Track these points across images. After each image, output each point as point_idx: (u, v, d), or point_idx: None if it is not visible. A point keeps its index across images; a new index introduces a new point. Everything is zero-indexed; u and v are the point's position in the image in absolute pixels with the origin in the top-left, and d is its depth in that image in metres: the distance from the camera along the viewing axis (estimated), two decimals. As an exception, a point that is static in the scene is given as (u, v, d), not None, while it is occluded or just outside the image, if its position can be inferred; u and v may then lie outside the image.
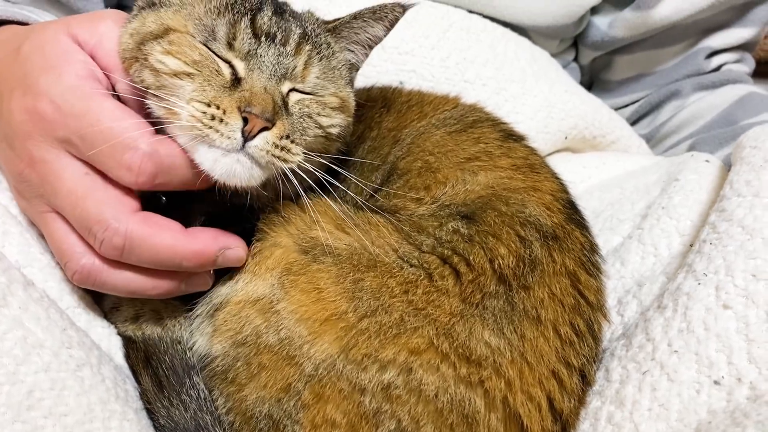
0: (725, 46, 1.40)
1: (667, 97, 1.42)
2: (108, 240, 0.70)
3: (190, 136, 0.71)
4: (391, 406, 0.67)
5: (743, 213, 0.75)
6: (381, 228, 0.76)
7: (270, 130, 0.72)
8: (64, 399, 0.66)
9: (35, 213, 0.77)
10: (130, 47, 0.75)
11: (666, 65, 1.43)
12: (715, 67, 1.41)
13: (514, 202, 0.77)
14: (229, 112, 0.70)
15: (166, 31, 0.74)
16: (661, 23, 1.31)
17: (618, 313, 0.85)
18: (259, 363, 0.71)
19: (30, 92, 0.73)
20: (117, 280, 0.74)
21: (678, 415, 0.67)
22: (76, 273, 0.73)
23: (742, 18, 1.39)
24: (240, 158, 0.71)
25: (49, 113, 0.72)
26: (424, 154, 0.84)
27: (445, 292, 0.71)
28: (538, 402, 0.69)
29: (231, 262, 0.76)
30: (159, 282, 0.75)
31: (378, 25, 0.84)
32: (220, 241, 0.75)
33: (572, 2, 1.25)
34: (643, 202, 0.98)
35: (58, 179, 0.72)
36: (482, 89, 1.12)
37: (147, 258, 0.72)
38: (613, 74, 1.47)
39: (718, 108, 1.33)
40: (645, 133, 1.43)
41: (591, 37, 1.39)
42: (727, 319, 0.68)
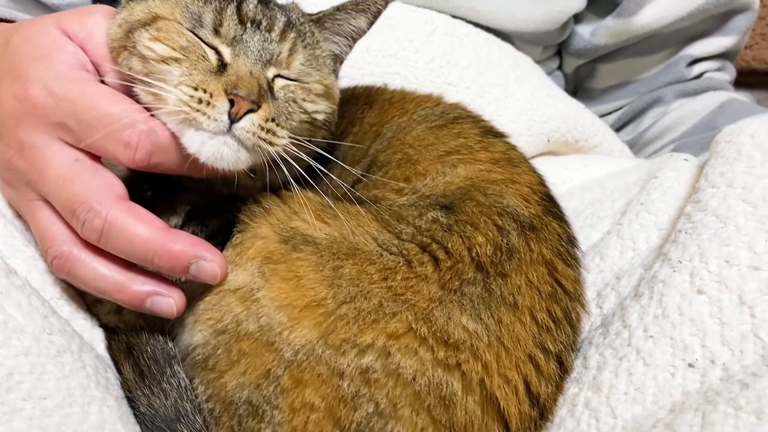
0: (706, 54, 1.43)
1: (650, 104, 1.44)
2: (89, 221, 0.71)
3: (178, 119, 0.73)
4: (369, 389, 0.68)
5: (717, 203, 0.76)
6: (361, 217, 0.77)
7: (256, 113, 0.73)
8: (44, 383, 0.66)
9: (22, 201, 0.78)
10: (119, 36, 0.77)
11: (648, 73, 1.45)
12: (697, 75, 1.44)
13: (492, 193, 0.79)
14: (216, 95, 0.72)
15: (154, 18, 0.76)
16: (643, 30, 1.33)
17: (597, 306, 0.86)
18: (239, 350, 0.71)
19: (20, 80, 0.74)
20: (89, 274, 0.74)
21: (653, 397, 0.67)
22: (56, 259, 0.74)
23: (722, 27, 1.41)
24: (227, 140, 0.73)
25: (42, 99, 0.73)
26: (404, 147, 0.85)
27: (424, 278, 0.72)
28: (514, 385, 0.70)
29: (204, 276, 0.74)
30: (127, 288, 0.74)
31: (361, 17, 0.86)
32: (197, 249, 0.74)
33: (554, 9, 1.27)
34: (623, 200, 0.99)
35: (47, 165, 0.74)
36: (465, 92, 1.14)
37: (122, 246, 0.72)
38: (596, 82, 1.49)
39: (700, 114, 1.35)
40: (628, 139, 1.45)
41: (574, 45, 1.42)
42: (701, 304, 0.69)
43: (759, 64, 1.72)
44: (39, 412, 0.64)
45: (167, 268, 0.74)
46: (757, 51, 1.72)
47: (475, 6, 1.22)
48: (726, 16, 1.40)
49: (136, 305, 0.75)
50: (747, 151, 0.78)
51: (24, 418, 0.63)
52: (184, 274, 0.74)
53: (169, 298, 0.75)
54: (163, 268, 0.74)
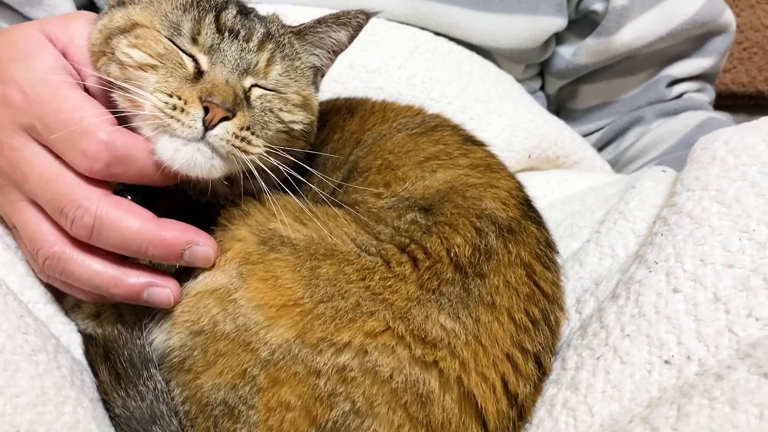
0: (685, 75, 1.45)
1: (631, 123, 1.46)
2: (79, 219, 0.72)
3: (153, 125, 0.73)
4: (345, 387, 0.67)
5: (692, 205, 0.77)
6: (339, 219, 0.77)
7: (230, 120, 0.74)
8: (17, 380, 0.66)
9: (7, 203, 0.78)
10: (99, 42, 0.78)
11: (629, 94, 1.48)
12: (677, 95, 1.46)
13: (470, 196, 0.79)
14: (191, 102, 0.72)
15: (133, 26, 0.77)
16: (623, 49, 1.36)
17: (576, 311, 0.86)
18: (215, 351, 0.71)
19: (0, 81, 0.75)
20: (84, 272, 0.75)
21: (630, 395, 0.67)
22: (48, 259, 0.74)
23: (701, 48, 1.44)
24: (200, 147, 0.73)
25: (18, 100, 0.74)
26: (385, 153, 0.86)
27: (402, 278, 0.72)
28: (492, 383, 0.69)
29: (198, 260, 0.75)
30: (122, 281, 0.75)
31: (341, 31, 0.87)
32: (189, 234, 0.75)
33: (535, 27, 1.29)
34: (601, 211, 1.00)
35: (28, 164, 0.74)
36: (448, 107, 1.15)
37: (114, 240, 0.73)
38: (578, 103, 1.51)
39: (680, 133, 1.38)
40: (610, 158, 1.47)
41: (556, 66, 1.44)
42: (676, 302, 0.70)
43: (738, 87, 1.75)
44: (11, 410, 0.64)
45: (161, 257, 0.74)
46: (736, 74, 1.75)
47: (457, 23, 1.24)
48: (704, 38, 1.43)
49: (133, 298, 0.75)
50: (721, 156, 0.79)
51: (-5, 414, 0.62)
52: (178, 260, 0.74)
53: (166, 288, 0.75)
54: (157, 258, 0.74)
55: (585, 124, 1.51)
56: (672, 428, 0.58)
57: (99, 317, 0.82)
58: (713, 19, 1.39)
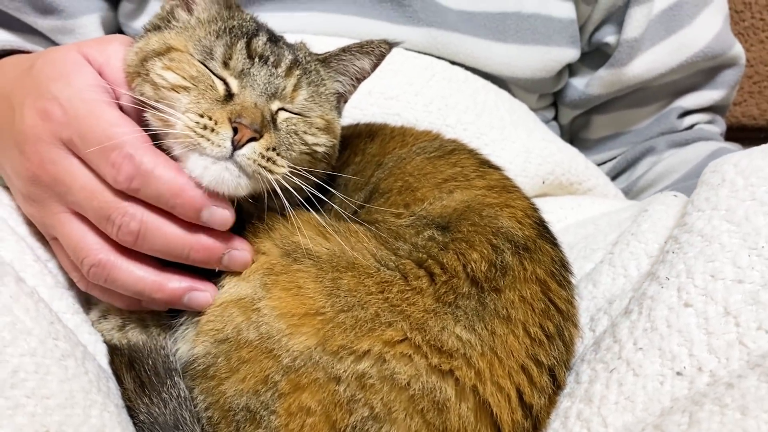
0: (696, 106, 1.48)
1: (643, 153, 1.48)
2: (125, 225, 0.75)
3: (183, 144, 0.77)
4: (364, 394, 0.69)
5: (702, 224, 0.79)
6: (360, 235, 0.80)
7: (258, 141, 0.77)
8: (47, 383, 0.68)
9: (48, 215, 0.81)
10: (134, 63, 0.82)
11: (641, 124, 1.50)
12: (688, 126, 1.49)
13: (487, 215, 0.82)
14: (221, 122, 0.76)
15: (168, 49, 0.81)
16: (635, 80, 1.39)
17: (590, 329, 0.88)
18: (239, 357, 0.73)
19: (41, 97, 0.79)
20: (128, 278, 0.78)
21: (643, 405, 0.69)
22: (93, 267, 0.78)
23: (711, 81, 1.47)
24: (228, 166, 0.76)
25: (58, 115, 0.77)
26: (404, 175, 0.89)
27: (420, 291, 0.74)
28: (507, 393, 0.71)
29: (236, 264, 0.79)
30: (165, 286, 0.79)
31: (365, 59, 0.91)
32: (229, 239, 0.79)
33: (548, 57, 1.33)
34: (614, 234, 1.02)
35: (71, 176, 0.78)
36: (463, 133, 1.18)
37: (159, 245, 0.77)
38: (591, 133, 1.54)
39: (691, 162, 1.40)
40: (622, 187, 1.49)
41: (569, 96, 1.47)
42: (688, 316, 0.72)
43: (748, 120, 1.78)
44: (41, 410, 0.66)
45: (202, 261, 0.78)
46: (746, 108, 1.78)
47: (472, 52, 1.27)
48: (714, 70, 1.46)
49: (174, 302, 0.79)
50: (730, 178, 0.81)
51: (26, 414, 0.64)
52: (218, 264, 0.78)
53: (206, 292, 0.79)
54: (198, 262, 0.78)
55: (598, 154, 1.54)
56: (684, 434, 0.60)
57: (124, 328, 0.85)
58: (723, 52, 1.42)
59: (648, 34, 1.37)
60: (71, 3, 1.24)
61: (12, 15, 1.23)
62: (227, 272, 0.80)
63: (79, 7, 1.25)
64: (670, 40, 1.39)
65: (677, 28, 1.39)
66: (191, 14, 0.86)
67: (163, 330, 0.84)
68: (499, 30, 1.30)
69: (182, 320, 0.82)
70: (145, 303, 0.83)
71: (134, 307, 0.84)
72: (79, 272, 0.82)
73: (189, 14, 0.86)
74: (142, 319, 0.85)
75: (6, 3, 1.21)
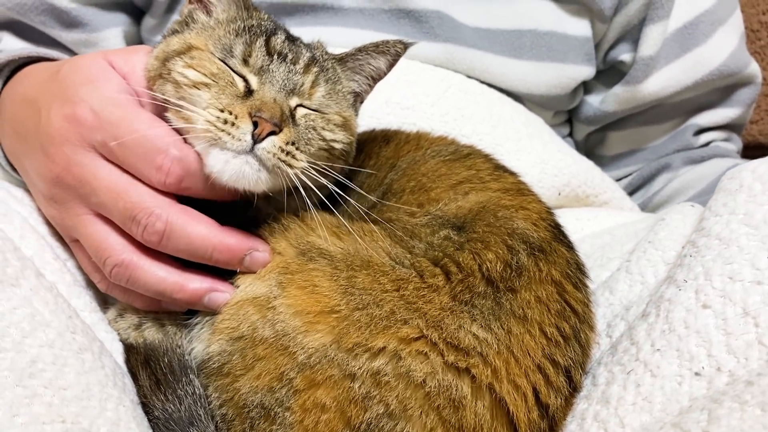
0: (713, 124, 1.48)
1: (659, 170, 1.48)
2: (151, 225, 0.76)
3: (205, 139, 0.77)
4: (379, 391, 0.69)
5: (720, 228, 0.79)
6: (375, 234, 0.80)
7: (277, 135, 0.78)
8: (65, 374, 0.68)
9: (71, 217, 0.82)
10: (155, 66, 0.83)
11: (656, 141, 1.50)
12: (704, 144, 1.48)
13: (502, 216, 0.82)
14: (241, 117, 0.77)
15: (189, 48, 0.82)
16: (650, 98, 1.39)
17: (607, 335, 0.87)
18: (254, 355, 0.73)
19: (69, 101, 0.81)
20: (150, 278, 0.79)
21: (661, 406, 0.68)
22: (116, 267, 0.79)
23: (727, 99, 1.47)
24: (249, 160, 0.77)
25: (89, 119, 0.79)
26: (418, 175, 0.89)
27: (436, 289, 0.74)
28: (524, 392, 0.70)
29: (256, 265, 0.80)
30: (186, 286, 0.79)
31: (381, 59, 0.92)
32: (250, 240, 0.80)
33: (563, 74, 1.34)
34: (631, 243, 1.01)
35: (96, 178, 0.79)
36: (479, 144, 1.18)
37: (183, 245, 0.78)
38: (606, 150, 1.54)
39: (708, 178, 1.39)
40: (638, 203, 1.49)
41: (584, 113, 1.48)
42: (706, 317, 0.71)
43: (765, 139, 1.77)
44: (58, 401, 0.66)
45: (224, 261, 0.79)
46: (763, 126, 1.77)
47: (488, 68, 1.28)
48: (730, 89, 1.46)
49: (194, 302, 0.80)
50: (748, 183, 0.81)
51: (43, 404, 0.65)
52: (239, 265, 0.79)
53: (225, 293, 0.80)
54: (220, 262, 0.79)
55: (613, 171, 1.53)
56: (703, 431, 0.59)
57: (141, 327, 0.85)
58: (738, 70, 1.42)
59: (663, 52, 1.38)
60: (95, 17, 1.27)
61: (37, 29, 1.26)
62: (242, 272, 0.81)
63: (103, 21, 1.28)
64: (686, 58, 1.39)
65: (693, 46, 1.39)
66: (210, 16, 0.88)
67: (180, 329, 0.84)
68: (514, 47, 1.31)
69: (198, 320, 0.82)
70: (165, 303, 0.83)
71: (154, 307, 0.84)
72: (100, 273, 0.83)
73: (208, 16, 0.88)
74: (159, 318, 0.85)
75: (32, 17, 1.24)
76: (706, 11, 1.38)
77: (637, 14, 1.36)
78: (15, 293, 0.70)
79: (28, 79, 0.95)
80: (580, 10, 1.33)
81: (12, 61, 1.00)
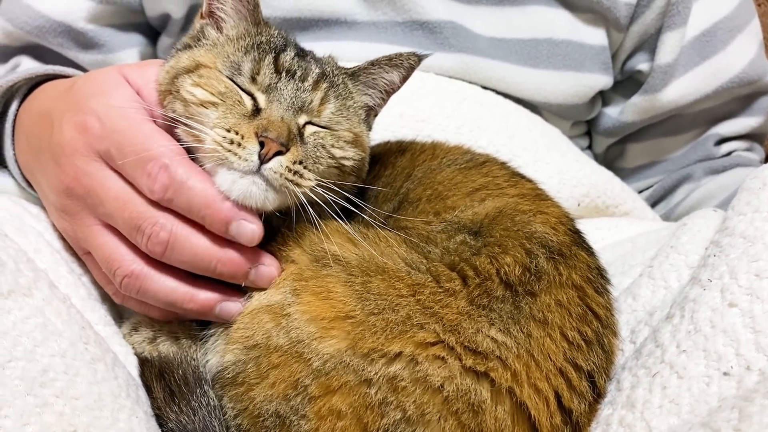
0: (733, 133, 1.46)
1: (680, 181, 1.45)
2: (155, 235, 0.76)
3: (213, 159, 0.77)
4: (396, 396, 0.67)
5: (744, 226, 0.77)
6: (390, 240, 0.79)
7: (284, 155, 0.77)
8: (76, 384, 0.68)
9: (82, 228, 0.82)
10: (166, 81, 0.83)
11: (677, 152, 1.48)
12: (725, 153, 1.46)
13: (520, 220, 0.80)
14: (247, 137, 0.76)
15: (197, 66, 0.82)
16: (669, 107, 1.37)
17: (631, 341, 0.85)
18: (268, 363, 0.72)
19: (80, 111, 0.81)
20: (160, 289, 0.79)
21: (689, 407, 0.66)
22: (125, 278, 0.78)
23: (748, 108, 1.45)
24: (256, 180, 0.77)
25: (96, 128, 0.79)
26: (434, 184, 0.88)
27: (453, 293, 0.73)
28: (545, 396, 0.68)
29: (263, 280, 0.79)
30: (196, 297, 0.79)
31: (394, 72, 0.91)
32: (256, 254, 0.79)
33: (581, 83, 1.32)
34: (653, 250, 0.99)
35: (104, 188, 0.79)
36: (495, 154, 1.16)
37: (187, 257, 0.77)
38: (626, 162, 1.52)
39: (730, 188, 1.37)
40: (661, 215, 1.46)
41: (603, 125, 1.46)
42: (733, 316, 0.69)
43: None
44: (69, 410, 0.65)
45: (229, 274, 0.78)
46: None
47: (504, 78, 1.28)
48: (750, 97, 1.44)
49: (206, 312, 0.79)
50: (772, 182, 0.79)
51: (54, 413, 0.64)
52: (244, 279, 0.78)
53: (237, 303, 0.79)
54: (224, 275, 0.78)
55: (634, 183, 1.51)
56: (734, 429, 0.56)
57: (155, 341, 0.84)
58: (758, 78, 1.40)
59: (681, 60, 1.36)
60: (112, 38, 1.28)
61: (55, 51, 1.27)
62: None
63: (120, 42, 1.29)
64: (704, 66, 1.38)
65: (711, 54, 1.38)
66: (220, 32, 0.87)
67: (194, 341, 0.83)
68: (530, 56, 1.30)
69: (212, 331, 0.81)
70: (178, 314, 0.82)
71: (170, 317, 0.84)
72: (113, 285, 0.83)
73: (218, 32, 0.87)
74: (173, 332, 0.85)
75: (50, 39, 1.25)
76: (723, 18, 1.37)
77: (653, 23, 1.35)
78: (27, 303, 0.70)
79: (44, 94, 0.96)
80: (595, 19, 1.32)
81: (29, 79, 1.01)
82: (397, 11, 1.26)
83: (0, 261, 0.69)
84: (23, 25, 1.23)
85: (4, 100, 1.01)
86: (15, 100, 0.99)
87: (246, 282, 0.79)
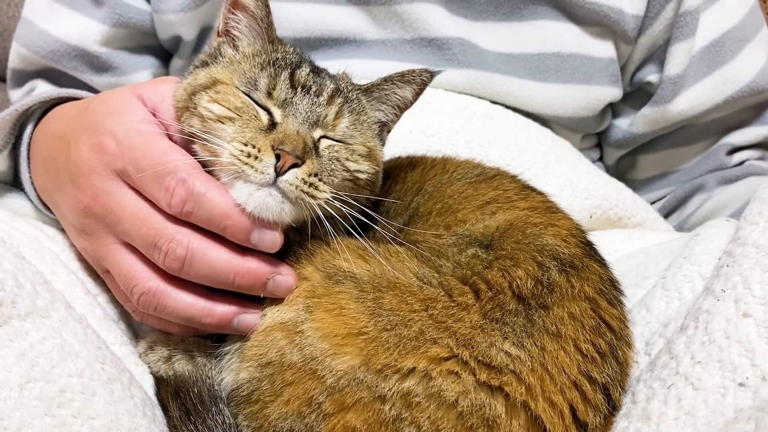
0: (745, 142, 1.45)
1: (692, 191, 1.45)
2: (172, 251, 0.76)
3: (230, 173, 0.78)
4: (410, 412, 0.67)
5: (757, 236, 0.76)
6: (401, 255, 0.79)
7: (300, 167, 0.78)
8: (94, 404, 0.68)
9: (101, 247, 0.83)
10: (183, 98, 0.84)
11: (689, 163, 1.47)
12: (738, 163, 1.45)
13: (531, 233, 0.80)
14: (264, 150, 0.77)
15: (214, 82, 0.84)
16: (679, 117, 1.37)
17: (645, 353, 0.84)
18: (282, 380, 0.72)
19: (96, 132, 0.82)
20: (177, 305, 0.79)
21: (705, 419, 0.65)
22: (143, 295, 0.79)
23: (760, 117, 1.44)
24: (272, 192, 0.77)
25: (112, 147, 0.80)
26: (444, 198, 0.89)
27: (465, 307, 0.73)
28: (560, 409, 0.68)
29: (280, 290, 0.79)
30: (214, 311, 0.80)
31: (407, 88, 0.92)
32: (273, 265, 0.80)
33: (590, 95, 1.33)
34: (666, 261, 0.99)
35: (121, 206, 0.80)
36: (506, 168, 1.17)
37: (205, 271, 0.77)
38: (638, 173, 1.51)
39: (743, 197, 1.36)
40: (673, 225, 1.45)
41: (613, 136, 1.46)
42: (747, 326, 0.68)
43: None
44: (87, 430, 0.66)
45: (247, 286, 0.78)
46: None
47: (513, 92, 1.28)
48: (762, 106, 1.43)
49: (224, 326, 0.80)
50: (785, 191, 0.79)
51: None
52: (262, 290, 0.79)
53: (254, 314, 0.80)
54: (243, 287, 0.78)
55: (646, 194, 1.50)
56: (751, 440, 0.56)
57: (171, 360, 0.85)
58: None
59: (690, 70, 1.36)
60: (125, 61, 1.30)
61: (69, 74, 1.29)
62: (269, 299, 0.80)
63: (133, 64, 1.31)
64: (714, 76, 1.38)
65: (720, 63, 1.38)
66: (237, 50, 0.89)
67: (209, 359, 0.84)
68: (539, 70, 1.31)
69: (227, 349, 0.82)
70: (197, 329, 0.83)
71: (190, 333, 0.85)
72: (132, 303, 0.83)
73: (235, 50, 0.89)
74: (189, 350, 0.85)
75: (65, 63, 1.27)
76: (732, 28, 1.37)
77: (661, 34, 1.35)
78: (44, 324, 0.70)
79: (59, 117, 0.97)
80: (603, 32, 1.32)
81: (43, 102, 1.02)
82: (405, 29, 1.27)
83: (17, 283, 0.70)
84: (39, 50, 1.26)
85: (19, 124, 1.02)
86: (30, 124, 1.01)
87: (264, 293, 0.79)
